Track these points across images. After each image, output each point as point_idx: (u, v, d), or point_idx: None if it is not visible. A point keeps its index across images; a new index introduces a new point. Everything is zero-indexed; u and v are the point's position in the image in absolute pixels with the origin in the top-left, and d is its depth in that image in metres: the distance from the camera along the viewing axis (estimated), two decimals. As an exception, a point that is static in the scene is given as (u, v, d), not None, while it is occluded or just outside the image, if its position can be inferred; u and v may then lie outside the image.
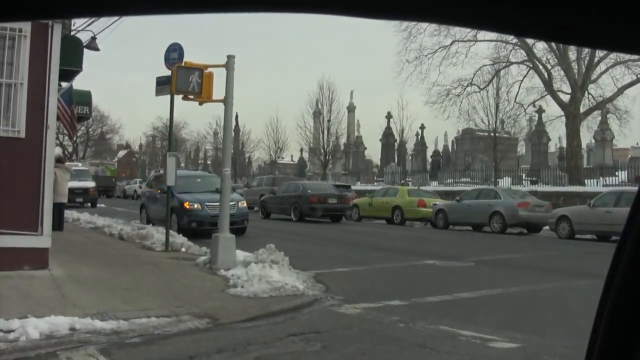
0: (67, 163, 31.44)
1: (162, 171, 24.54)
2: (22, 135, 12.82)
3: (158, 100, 25.22)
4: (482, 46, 77.23)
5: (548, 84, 48.02)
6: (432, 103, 52.34)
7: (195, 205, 23.11)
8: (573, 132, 46.74)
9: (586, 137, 53.34)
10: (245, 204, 25.18)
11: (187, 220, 23.04)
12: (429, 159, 65.91)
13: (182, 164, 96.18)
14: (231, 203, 22.46)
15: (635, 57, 45.04)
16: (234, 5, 1.07)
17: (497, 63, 50.27)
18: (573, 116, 46.42)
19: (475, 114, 50.70)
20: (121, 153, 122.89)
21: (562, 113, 48.49)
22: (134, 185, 68.51)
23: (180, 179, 24.26)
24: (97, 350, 7.92)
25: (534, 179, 47.20)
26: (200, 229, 22.44)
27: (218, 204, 16.67)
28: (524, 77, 50.45)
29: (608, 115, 48.81)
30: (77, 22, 19.88)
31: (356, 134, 71.90)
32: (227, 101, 15.45)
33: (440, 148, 70.18)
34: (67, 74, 16.73)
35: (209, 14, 1.11)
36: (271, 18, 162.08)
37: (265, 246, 14.63)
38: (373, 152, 73.58)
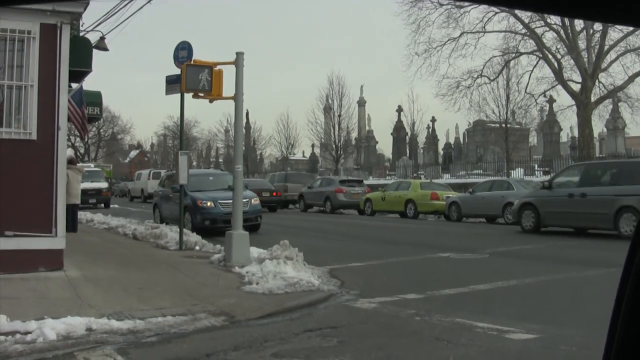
0: (79, 164, 31.52)
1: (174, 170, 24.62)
2: (34, 137, 12.86)
3: (168, 99, 25.45)
4: (491, 37, 77.19)
5: (558, 73, 47.77)
6: (443, 95, 52.10)
7: (209, 203, 23.14)
8: (584, 122, 46.49)
9: (598, 126, 53.10)
10: (258, 201, 25.19)
11: (200, 219, 23.08)
12: (441, 152, 65.82)
13: (194, 163, 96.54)
14: (245, 200, 22.55)
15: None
16: None
17: (507, 54, 50.01)
18: (584, 105, 46.17)
19: (486, 105, 50.47)
20: (133, 153, 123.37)
21: (573, 102, 48.22)
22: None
23: (192, 177, 24.32)
24: (114, 350, 7.93)
25: (546, 169, 47.03)
26: (214, 226, 22.42)
27: (231, 201, 16.68)
28: (533, 67, 50.18)
29: (619, 104, 48.53)
30: (86, 23, 19.92)
31: (367, 128, 71.82)
32: (237, 98, 15.45)
33: (452, 140, 70.10)
34: (77, 75, 16.73)
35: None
36: (280, 14, 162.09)
37: (280, 242, 14.63)
38: (384, 146, 73.80)
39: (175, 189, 20.92)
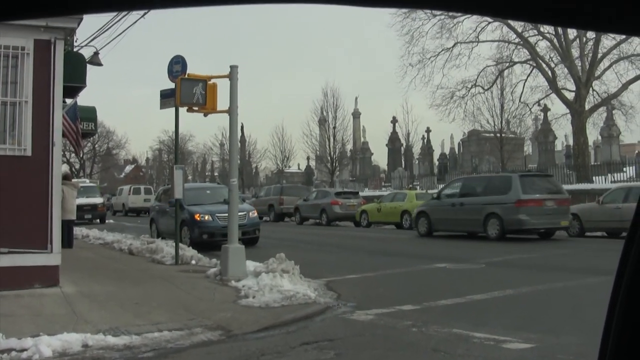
0: (74, 180, 31.49)
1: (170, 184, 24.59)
2: (29, 153, 12.84)
3: (163, 114, 25.48)
4: (485, 47, 77.24)
5: (552, 82, 47.92)
6: (437, 106, 52.30)
7: (206, 217, 23.11)
8: (579, 130, 46.62)
9: (592, 134, 53.25)
10: (256, 214, 25.18)
11: (198, 233, 23.04)
12: (436, 162, 65.79)
13: (190, 177, 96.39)
14: (242, 213, 22.58)
15: (639, 52, 45.05)
16: None
17: (500, 63, 50.21)
18: (578, 114, 46.30)
19: (481, 115, 50.65)
20: (128, 168, 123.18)
21: (568, 111, 48.38)
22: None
23: (189, 191, 24.31)
24: (110, 366, 7.91)
25: (542, 178, 47.07)
26: (212, 240, 22.35)
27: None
28: (527, 77, 50.40)
29: (614, 112, 48.67)
30: (80, 38, 19.92)
31: (362, 139, 71.84)
32: (231, 111, 15.45)
33: (447, 151, 70.12)
34: (71, 90, 16.72)
35: (210, 6, 1.11)
36: (274, 26, 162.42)
37: (276, 255, 14.63)
38: (380, 157, 73.77)
39: (172, 203, 20.88)
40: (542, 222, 25.22)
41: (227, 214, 18.18)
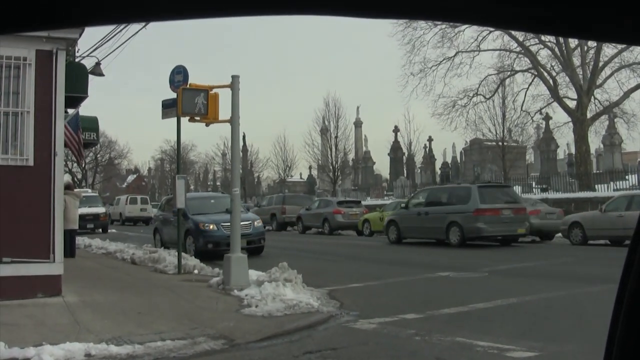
0: (77, 189, 31.52)
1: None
2: (31, 163, 12.85)
3: (165, 124, 25.46)
4: (486, 56, 77.26)
5: (554, 90, 47.97)
6: (439, 115, 52.34)
7: (211, 226, 22.98)
8: (581, 138, 46.62)
9: (594, 142, 53.27)
10: (261, 223, 25.16)
11: (203, 242, 22.91)
12: (438, 171, 65.79)
13: (192, 186, 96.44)
14: (247, 222, 22.57)
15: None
16: (237, 9, 1.07)
17: (502, 72, 50.26)
18: (580, 122, 46.32)
19: (482, 124, 50.69)
20: (130, 178, 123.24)
21: (569, 119, 48.41)
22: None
23: (193, 200, 24.30)
24: (113, 376, 7.90)
25: (544, 186, 47.05)
26: (217, 250, 22.11)
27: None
28: (529, 85, 50.45)
29: (615, 120, 48.69)
30: (82, 48, 19.97)
31: (364, 149, 71.91)
32: (233, 121, 15.46)
33: (449, 159, 70.10)
34: (73, 101, 16.74)
35: (210, 19, 1.11)
36: (275, 36, 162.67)
37: (278, 265, 14.61)
38: (382, 166, 73.66)
39: (176, 213, 20.83)
40: (499, 230, 26.79)
41: (231, 223, 18.17)
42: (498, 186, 32.64)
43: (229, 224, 21.11)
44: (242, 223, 22.49)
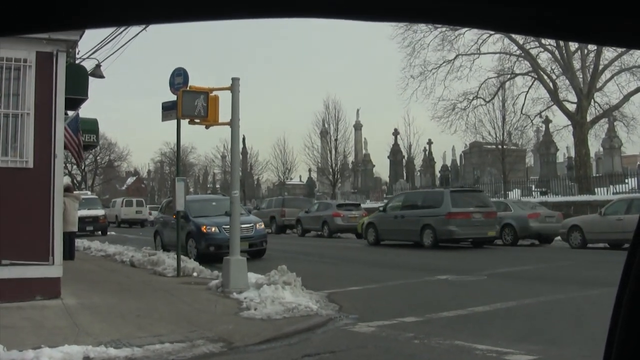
0: (76, 192, 31.53)
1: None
2: (30, 165, 12.84)
3: (165, 126, 25.33)
4: (486, 59, 77.39)
5: (554, 94, 47.99)
6: (439, 118, 52.38)
7: (213, 229, 22.77)
8: (581, 141, 46.63)
9: (594, 146, 53.31)
10: (262, 226, 25.03)
11: (205, 245, 22.75)
12: (438, 174, 65.76)
13: (191, 189, 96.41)
14: (249, 225, 22.54)
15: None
16: (237, 12, 1.07)
17: (502, 75, 50.31)
18: (580, 125, 46.33)
19: (482, 127, 50.68)
20: (130, 180, 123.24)
21: (569, 122, 48.42)
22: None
23: (195, 202, 24.29)
24: (111, 378, 7.89)
25: (543, 189, 47.06)
26: (218, 252, 21.78)
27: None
28: (529, 88, 50.49)
29: (615, 123, 48.67)
30: (82, 50, 19.97)
31: (364, 151, 71.89)
32: (233, 124, 15.46)
33: (449, 162, 70.10)
34: (73, 103, 16.74)
35: (210, 21, 1.11)
36: (275, 39, 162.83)
37: (277, 267, 14.61)
38: (381, 169, 73.60)
39: (179, 215, 20.71)
40: (470, 233, 28.10)
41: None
42: (470, 191, 34.49)
43: (230, 226, 21.11)
44: (244, 226, 22.51)
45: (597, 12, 1.04)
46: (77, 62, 19.23)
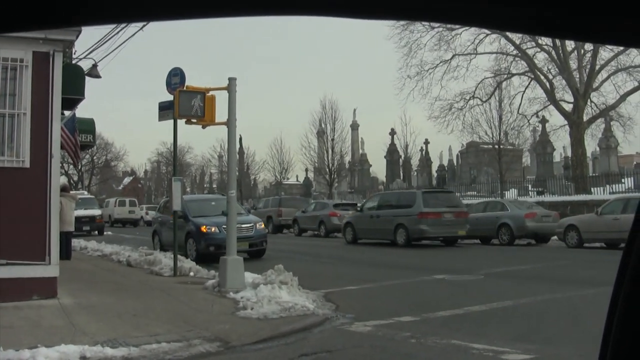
0: (73, 192, 31.49)
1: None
2: (27, 165, 12.84)
3: (161, 126, 25.34)
4: (483, 59, 77.58)
5: (550, 93, 48.00)
6: (435, 118, 52.38)
7: (213, 229, 22.57)
8: (577, 141, 46.64)
9: (591, 145, 53.24)
10: (263, 225, 24.98)
11: (205, 245, 22.61)
12: (434, 174, 65.76)
13: (188, 189, 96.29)
14: (249, 225, 22.57)
15: (636, 63, 45.12)
16: (235, 9, 1.07)
17: (499, 75, 50.28)
18: (576, 125, 46.34)
19: (479, 126, 50.65)
20: (126, 180, 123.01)
21: (566, 122, 48.42)
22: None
23: (194, 202, 24.27)
24: (108, 378, 7.89)
25: (540, 189, 47.09)
26: (218, 252, 21.65)
27: (236, 226, 16.48)
28: (525, 88, 50.47)
29: (612, 123, 48.68)
30: (79, 50, 19.93)
31: (360, 151, 71.83)
32: (230, 123, 15.45)
33: (445, 162, 70.14)
34: (70, 102, 16.70)
35: (207, 19, 1.12)
36: (271, 39, 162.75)
37: (274, 267, 14.61)
38: (378, 169, 73.56)
39: (176, 215, 20.62)
40: (440, 232, 29.46)
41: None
42: (442, 192, 36.71)
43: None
44: (244, 226, 22.53)
45: (597, 12, 1.05)
46: (73, 62, 19.19)
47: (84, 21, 1.21)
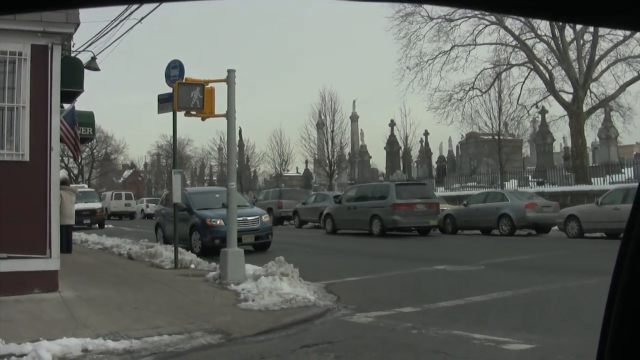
0: (73, 185, 31.48)
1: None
2: (27, 158, 12.83)
3: (161, 118, 25.32)
4: (482, 50, 77.31)
5: (550, 84, 47.95)
6: (435, 109, 52.34)
7: (218, 222, 22.18)
8: (577, 131, 46.63)
9: (590, 136, 53.25)
10: (268, 218, 24.82)
11: (210, 238, 22.39)
12: (434, 165, 65.81)
13: (188, 181, 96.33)
14: (255, 217, 22.57)
15: (636, 53, 45.06)
16: None
17: (498, 66, 50.23)
18: (576, 115, 46.32)
19: (479, 117, 50.63)
20: (126, 173, 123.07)
21: (565, 113, 48.40)
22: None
23: (198, 195, 24.22)
24: (110, 370, 7.90)
25: (540, 179, 47.07)
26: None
27: (242, 218, 16.44)
28: (525, 79, 50.44)
29: (611, 113, 48.65)
30: (77, 43, 19.90)
31: (360, 143, 71.78)
32: (229, 116, 15.44)
33: (445, 153, 70.17)
34: (69, 96, 16.69)
35: (209, 0, 1.12)
36: (271, 30, 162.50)
37: (275, 259, 14.61)
38: (378, 160, 73.61)
39: (180, 208, 20.49)
40: (413, 222, 30.92)
41: (240, 218, 17.97)
42: (414, 184, 38.13)
43: (237, 218, 20.98)
44: (249, 218, 22.52)
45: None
46: (72, 55, 19.17)
47: (81, 3, 1.20)
